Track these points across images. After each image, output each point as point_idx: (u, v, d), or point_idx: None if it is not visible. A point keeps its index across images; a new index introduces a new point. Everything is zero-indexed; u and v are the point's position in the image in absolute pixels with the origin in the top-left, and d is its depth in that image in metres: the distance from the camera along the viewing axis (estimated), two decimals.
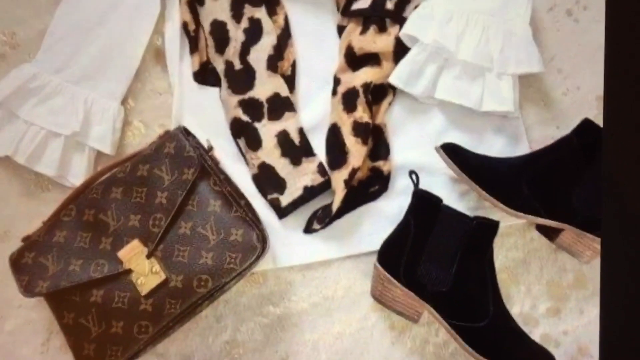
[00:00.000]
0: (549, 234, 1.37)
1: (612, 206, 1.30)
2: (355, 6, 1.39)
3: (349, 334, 1.37)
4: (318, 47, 1.43)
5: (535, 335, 1.37)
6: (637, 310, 1.30)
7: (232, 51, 1.38)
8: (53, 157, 1.35)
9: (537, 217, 1.31)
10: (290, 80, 1.39)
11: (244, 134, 1.36)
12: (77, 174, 1.36)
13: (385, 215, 1.38)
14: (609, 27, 1.39)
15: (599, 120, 1.32)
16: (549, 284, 1.39)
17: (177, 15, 1.41)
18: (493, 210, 1.33)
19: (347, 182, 1.33)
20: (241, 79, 1.37)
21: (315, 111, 1.40)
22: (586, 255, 1.34)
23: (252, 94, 1.36)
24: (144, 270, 1.27)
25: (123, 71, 1.40)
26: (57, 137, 1.35)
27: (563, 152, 1.33)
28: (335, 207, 1.33)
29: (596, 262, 1.36)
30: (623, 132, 1.33)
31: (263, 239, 1.28)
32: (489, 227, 1.31)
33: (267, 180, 1.36)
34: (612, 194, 1.30)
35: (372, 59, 1.38)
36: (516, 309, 1.37)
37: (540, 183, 1.32)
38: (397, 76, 1.36)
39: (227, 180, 1.33)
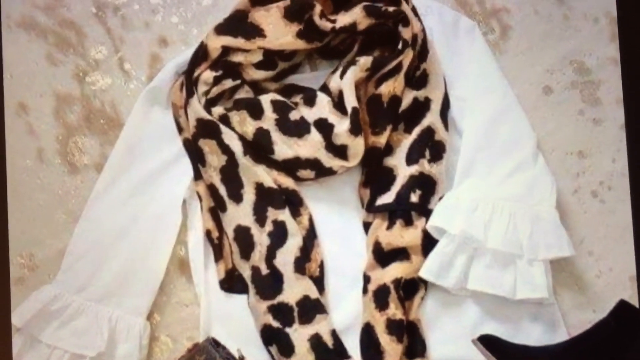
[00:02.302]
0: None
1: None
2: (380, 201, 1.73)
3: None
4: (345, 246, 1.75)
5: None
6: None
7: (258, 256, 1.70)
8: None
9: None
10: (319, 282, 1.70)
11: (276, 340, 1.66)
12: None
13: None
14: (636, 206, 1.76)
15: (635, 301, 1.66)
16: None
17: (199, 223, 1.75)
18: None
19: None
20: (269, 284, 1.68)
21: (347, 311, 1.70)
22: None
23: (281, 298, 1.67)
24: None
25: (147, 285, 1.71)
26: None
27: (602, 336, 1.62)
28: None
29: None
30: None
31: None
32: None
33: None
34: None
35: (400, 253, 1.70)
36: None
37: None
38: (428, 269, 1.67)
39: None
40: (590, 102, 1.83)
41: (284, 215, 1.72)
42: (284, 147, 1.71)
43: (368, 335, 1.66)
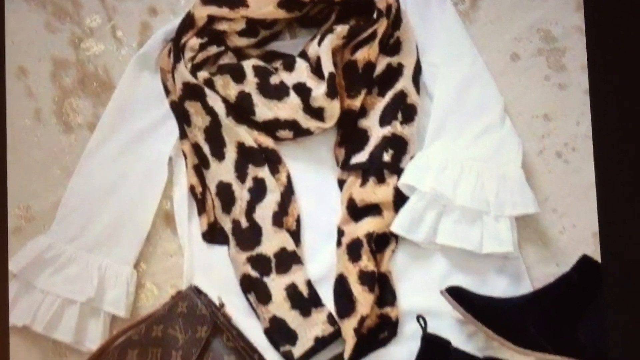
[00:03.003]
0: None
1: (617, 338, 1.50)
2: (354, 160, 1.63)
3: None
4: (321, 201, 1.66)
5: None
6: None
7: (239, 210, 1.61)
8: (69, 324, 1.56)
9: (545, 353, 1.49)
10: (295, 235, 1.61)
11: (254, 289, 1.57)
12: (94, 339, 1.57)
13: None
14: (599, 166, 1.63)
15: (597, 256, 1.53)
16: None
17: (184, 179, 1.66)
18: (501, 349, 1.51)
19: (357, 331, 1.52)
20: (248, 237, 1.60)
21: (321, 263, 1.61)
22: None
23: (259, 250, 1.59)
24: None
25: (135, 236, 1.63)
26: (73, 304, 1.56)
27: (565, 289, 1.53)
28: (346, 355, 1.52)
29: None
30: (621, 266, 1.55)
31: None
32: None
33: (279, 333, 1.56)
34: (615, 327, 1.50)
35: (373, 209, 1.60)
36: None
37: (545, 320, 1.51)
38: (399, 224, 1.57)
39: (240, 335, 1.53)
40: (555, 68, 1.71)
41: (264, 172, 1.63)
42: (265, 109, 1.63)
43: (341, 285, 1.57)
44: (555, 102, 1.70)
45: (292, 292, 1.57)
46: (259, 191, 1.62)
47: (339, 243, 1.60)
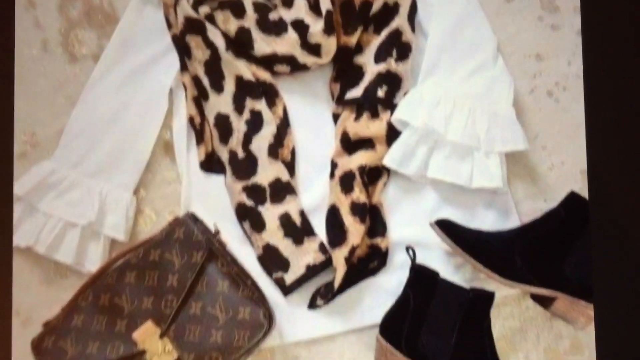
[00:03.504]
0: (544, 302, 1.44)
1: (602, 273, 1.40)
2: (349, 95, 1.52)
3: None
4: (315, 134, 1.55)
5: None
6: None
7: (235, 141, 1.51)
8: (71, 246, 1.46)
9: (530, 286, 1.39)
10: (290, 166, 1.51)
11: (249, 217, 1.47)
12: (94, 261, 1.47)
13: (385, 289, 1.47)
14: (588, 106, 1.51)
15: (584, 193, 1.43)
16: (546, 350, 1.46)
17: (183, 110, 1.55)
18: (488, 281, 1.42)
19: (348, 259, 1.43)
20: (244, 167, 1.49)
21: (314, 194, 1.52)
22: (580, 321, 1.41)
23: (255, 180, 1.48)
24: (158, 350, 1.37)
25: (135, 164, 1.53)
26: (75, 227, 1.46)
27: (552, 224, 1.42)
28: (337, 283, 1.43)
29: (591, 328, 1.43)
30: (607, 203, 1.44)
31: (269, 316, 1.39)
32: (485, 298, 1.40)
33: (272, 260, 1.46)
34: (601, 261, 1.40)
35: (366, 143, 1.50)
36: None
37: (532, 254, 1.40)
38: (391, 158, 1.47)
39: (234, 261, 1.43)
40: (549, 9, 1.58)
41: (261, 105, 1.51)
42: (263, 44, 1.51)
43: (333, 215, 1.47)
44: (547, 42, 1.59)
45: (286, 221, 1.47)
46: (255, 123, 1.51)
47: (332, 175, 1.50)
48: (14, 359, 1.49)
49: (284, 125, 1.54)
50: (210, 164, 1.53)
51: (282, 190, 1.49)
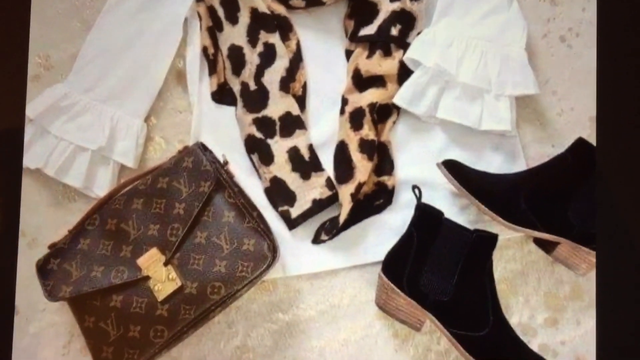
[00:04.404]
0: (546, 247, 1.21)
1: (606, 220, 1.20)
2: (362, 32, 1.27)
3: (354, 341, 1.22)
4: (327, 70, 1.31)
5: (534, 345, 1.21)
6: (632, 321, 1.19)
7: (248, 73, 1.26)
8: (80, 170, 1.24)
9: (534, 230, 1.17)
10: (301, 100, 1.28)
11: (258, 149, 1.24)
12: (102, 186, 1.25)
13: (389, 227, 1.25)
14: (601, 53, 1.29)
15: (592, 140, 1.18)
16: (546, 295, 1.23)
17: (197, 40, 1.30)
18: (492, 223, 1.18)
19: (354, 196, 1.20)
20: (255, 99, 1.26)
21: (324, 129, 1.28)
22: (582, 267, 1.19)
23: (265, 112, 1.24)
24: (161, 277, 1.15)
25: (147, 91, 1.29)
26: (85, 152, 1.24)
27: (558, 169, 1.19)
28: (342, 219, 1.20)
29: (592, 275, 1.21)
30: (615, 150, 1.23)
31: (274, 249, 1.16)
32: (488, 240, 1.16)
33: (278, 193, 1.23)
34: (605, 208, 1.20)
35: (377, 80, 1.26)
36: (515, 319, 1.22)
37: (537, 198, 1.17)
38: (401, 97, 1.24)
39: (241, 192, 1.21)
40: None
41: (274, 38, 1.26)
42: None
43: (342, 151, 1.23)
44: None
45: (294, 155, 1.23)
46: (268, 56, 1.26)
47: (342, 111, 1.26)
48: (18, 279, 1.25)
49: (296, 60, 1.29)
50: (222, 95, 1.29)
51: (292, 124, 1.25)
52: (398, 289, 1.18)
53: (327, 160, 1.27)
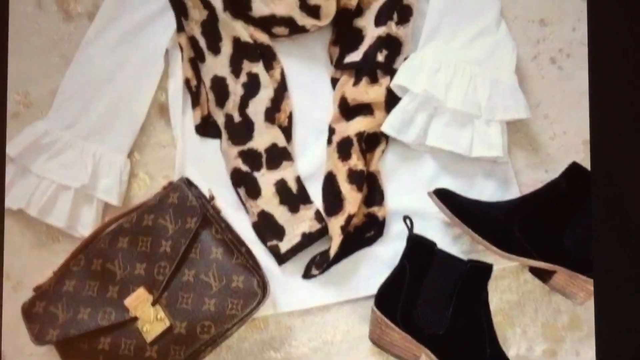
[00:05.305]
0: (542, 276, 1.16)
1: (603, 247, 1.15)
2: (348, 59, 1.21)
3: None
4: (313, 99, 1.25)
5: None
6: (632, 350, 1.14)
7: (232, 105, 1.20)
8: (63, 210, 1.18)
9: (529, 259, 1.12)
10: (287, 131, 1.21)
11: (244, 183, 1.18)
12: (86, 225, 1.19)
13: (381, 259, 1.19)
14: (593, 74, 1.23)
15: (586, 164, 1.14)
16: (544, 325, 1.18)
17: (179, 72, 1.24)
18: (486, 253, 1.13)
19: (344, 228, 1.14)
20: (240, 131, 1.19)
21: (311, 160, 1.22)
22: (579, 296, 1.13)
23: (251, 144, 1.18)
24: (150, 317, 1.10)
25: (129, 126, 1.23)
26: (67, 190, 1.18)
27: (552, 195, 1.14)
28: (332, 252, 1.15)
29: (590, 304, 1.15)
30: (610, 174, 1.18)
31: (264, 285, 1.11)
32: (483, 270, 1.12)
33: (267, 227, 1.18)
34: (602, 235, 1.15)
35: (364, 108, 1.20)
36: (513, 352, 1.17)
37: (531, 226, 1.12)
38: (390, 125, 1.18)
39: (228, 228, 1.15)
40: None
41: (258, 68, 1.20)
42: (261, 5, 1.18)
43: (330, 183, 1.18)
44: (551, 7, 1.27)
45: (282, 187, 1.17)
46: (252, 86, 1.20)
47: (329, 141, 1.20)
48: (4, 323, 1.19)
49: (281, 89, 1.23)
50: (206, 128, 1.23)
51: (278, 156, 1.19)
52: (392, 324, 1.13)
53: (315, 192, 1.22)
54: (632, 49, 1.15)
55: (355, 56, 1.21)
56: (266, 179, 1.18)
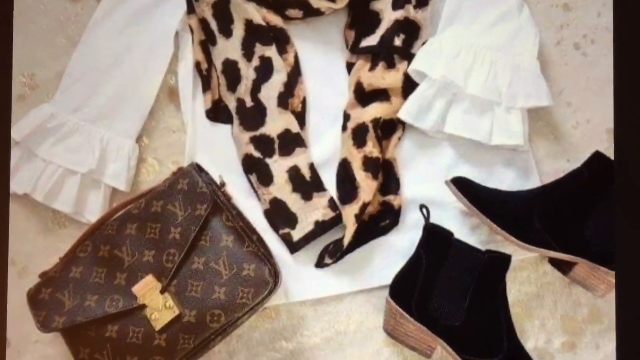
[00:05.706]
0: (562, 267, 1.12)
1: (625, 239, 1.11)
2: (364, 43, 1.17)
3: None
4: (328, 84, 1.21)
5: None
6: None
7: (244, 89, 1.17)
8: (70, 195, 1.15)
9: (549, 250, 1.08)
10: (300, 117, 1.18)
11: (256, 169, 1.15)
12: (93, 211, 1.16)
13: (396, 249, 1.15)
14: (618, 61, 1.18)
15: (610, 153, 1.10)
16: (563, 318, 1.15)
17: (190, 55, 1.20)
18: (505, 243, 1.10)
19: (358, 217, 1.11)
20: (252, 116, 1.16)
21: (325, 146, 1.19)
22: (600, 289, 1.10)
23: (263, 130, 1.15)
24: (158, 305, 1.07)
25: (138, 110, 1.20)
26: (74, 175, 1.14)
27: (574, 185, 1.10)
28: (346, 241, 1.11)
29: (611, 296, 1.12)
30: (634, 164, 1.14)
31: (275, 274, 1.08)
32: (501, 261, 1.08)
33: (279, 215, 1.14)
34: (625, 226, 1.11)
35: (381, 94, 1.16)
36: (531, 344, 1.14)
37: (551, 216, 1.09)
38: (406, 111, 1.14)
39: (240, 215, 1.12)
40: None
41: (271, 51, 1.16)
42: None
43: (344, 170, 1.14)
44: None
45: (294, 174, 1.14)
46: (265, 70, 1.16)
47: (344, 127, 1.16)
48: (9, 310, 1.17)
49: (295, 74, 1.19)
50: (217, 113, 1.19)
51: (291, 142, 1.15)
52: (407, 314, 1.10)
53: (329, 179, 1.18)
54: None
55: (371, 40, 1.18)
56: (279, 165, 1.15)
